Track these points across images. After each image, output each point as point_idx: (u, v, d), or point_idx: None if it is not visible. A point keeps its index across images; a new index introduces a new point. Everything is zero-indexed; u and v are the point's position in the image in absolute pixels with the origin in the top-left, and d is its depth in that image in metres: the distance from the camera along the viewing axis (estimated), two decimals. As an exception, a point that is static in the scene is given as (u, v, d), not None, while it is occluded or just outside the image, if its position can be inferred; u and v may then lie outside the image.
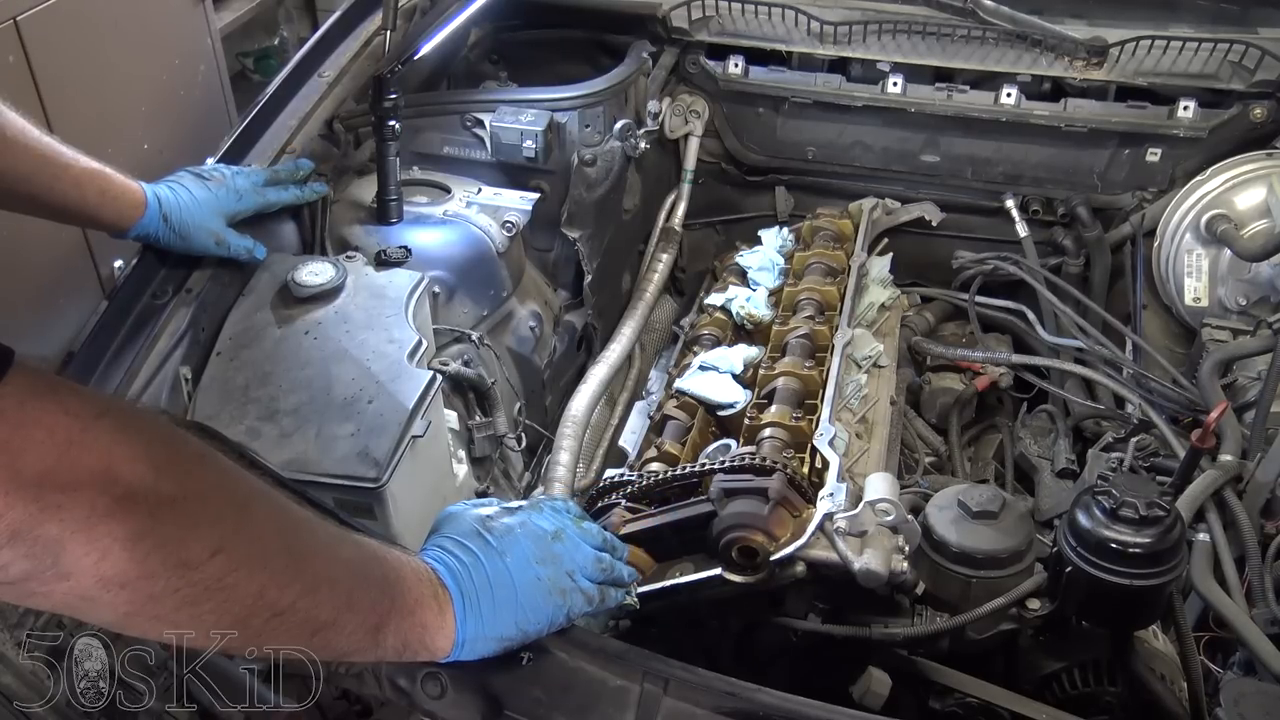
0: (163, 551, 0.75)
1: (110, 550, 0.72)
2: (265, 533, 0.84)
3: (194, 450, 0.83)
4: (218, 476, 0.83)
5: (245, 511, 0.83)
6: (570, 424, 1.87)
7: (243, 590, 0.80)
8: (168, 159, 1.72)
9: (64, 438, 0.71)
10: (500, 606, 1.02)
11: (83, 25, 2.84)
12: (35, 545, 0.70)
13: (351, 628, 0.90)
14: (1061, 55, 2.16)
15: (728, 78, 2.37)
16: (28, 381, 0.70)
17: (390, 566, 0.97)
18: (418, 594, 0.97)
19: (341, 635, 0.90)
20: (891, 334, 2.00)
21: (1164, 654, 1.36)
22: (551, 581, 1.06)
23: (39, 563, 0.71)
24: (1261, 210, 2.00)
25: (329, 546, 0.91)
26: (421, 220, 1.84)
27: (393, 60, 1.83)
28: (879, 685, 1.27)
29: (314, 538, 0.90)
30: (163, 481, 0.75)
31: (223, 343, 1.52)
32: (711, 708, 1.04)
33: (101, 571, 0.73)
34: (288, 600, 0.84)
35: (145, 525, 0.74)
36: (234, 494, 0.83)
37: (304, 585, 0.85)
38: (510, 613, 1.02)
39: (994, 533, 1.33)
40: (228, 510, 0.81)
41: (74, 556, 0.72)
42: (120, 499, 0.72)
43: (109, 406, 0.76)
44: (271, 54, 4.29)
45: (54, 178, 1.40)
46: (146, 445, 0.76)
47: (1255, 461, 1.54)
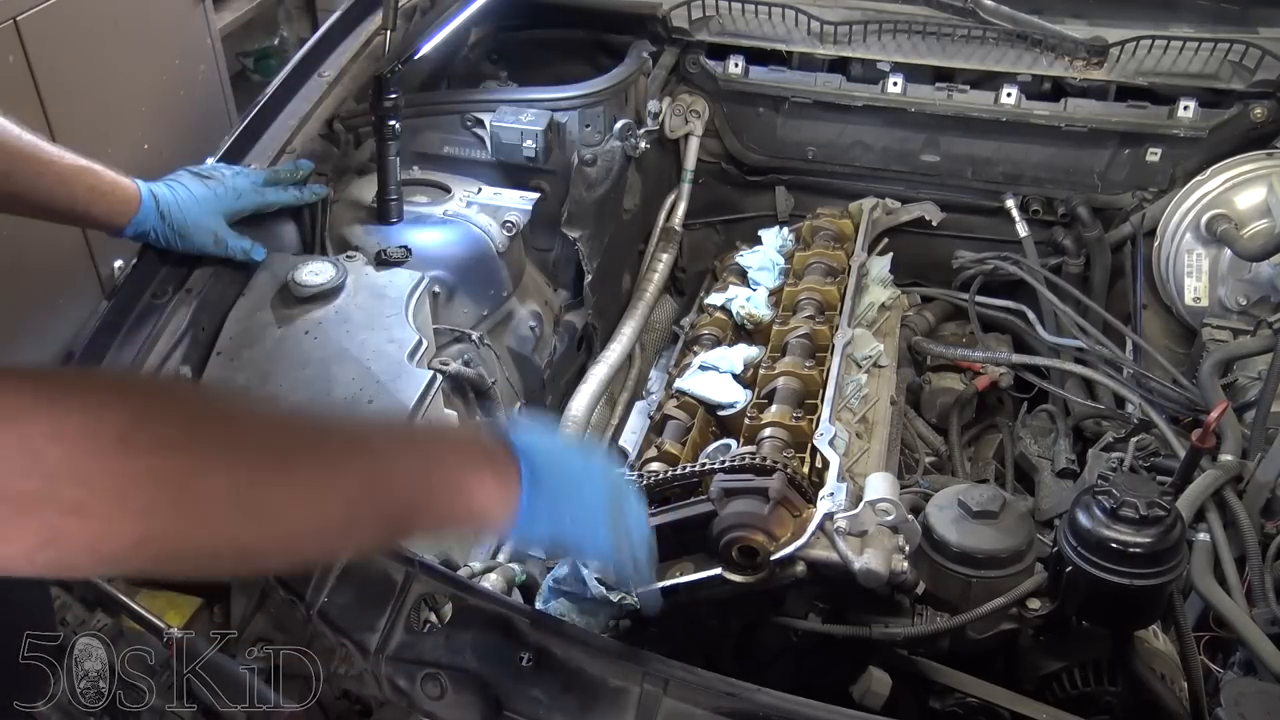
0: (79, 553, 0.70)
1: (33, 558, 0.68)
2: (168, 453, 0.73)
3: (115, 434, 0.72)
4: (137, 462, 0.72)
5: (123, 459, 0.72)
6: (570, 424, 1.87)
7: (202, 546, 0.76)
8: (167, 159, 1.72)
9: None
10: (561, 492, 0.98)
11: (83, 25, 2.85)
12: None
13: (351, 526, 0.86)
14: (1062, 55, 2.16)
15: (728, 77, 2.37)
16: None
17: (411, 446, 0.93)
18: (455, 468, 0.93)
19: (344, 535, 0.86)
20: (892, 334, 2.00)
21: (1164, 654, 1.36)
22: (612, 517, 1.03)
23: None
24: (1261, 210, 2.00)
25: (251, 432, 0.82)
26: (422, 220, 1.84)
27: (393, 60, 1.83)
28: (879, 685, 1.27)
29: (227, 427, 0.80)
30: (62, 489, 0.68)
31: (223, 342, 1.52)
32: (711, 708, 1.04)
33: (38, 563, 0.69)
34: (249, 540, 0.78)
35: (48, 535, 0.68)
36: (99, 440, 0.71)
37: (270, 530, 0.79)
38: (569, 504, 0.99)
39: (994, 532, 1.33)
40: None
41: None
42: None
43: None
44: (271, 54, 4.29)
45: (36, 175, 1.38)
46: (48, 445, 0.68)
47: (1255, 461, 1.54)
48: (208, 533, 0.76)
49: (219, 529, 0.76)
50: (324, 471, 0.83)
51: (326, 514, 0.84)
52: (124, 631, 1.14)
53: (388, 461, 0.90)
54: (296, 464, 0.82)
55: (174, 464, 0.73)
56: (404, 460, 0.92)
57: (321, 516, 0.83)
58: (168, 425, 0.74)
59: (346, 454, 0.86)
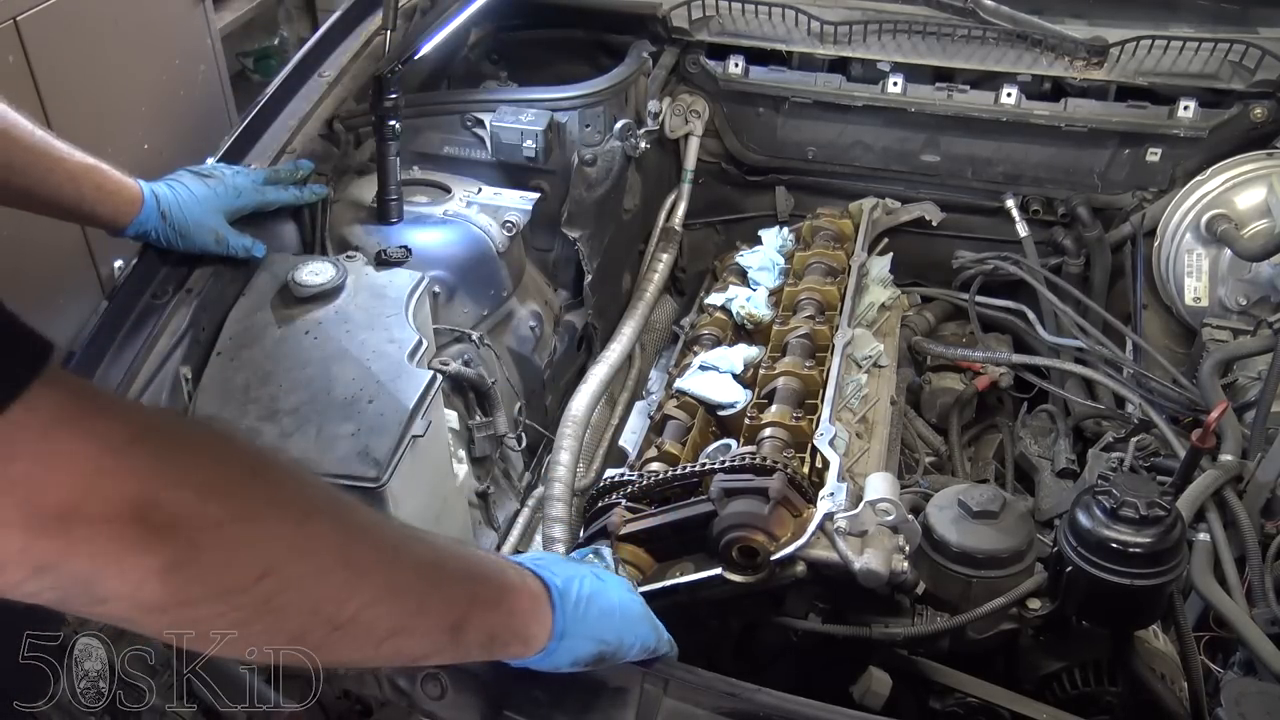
0: (203, 580, 0.71)
1: (145, 581, 0.68)
2: (320, 547, 0.78)
3: (247, 464, 0.77)
4: (272, 491, 0.77)
5: (301, 527, 0.77)
6: (570, 424, 1.87)
7: (295, 609, 0.76)
8: (168, 159, 1.72)
9: (92, 467, 0.65)
10: (604, 612, 1.01)
11: (83, 25, 2.84)
12: (63, 578, 0.66)
13: (424, 630, 0.86)
14: (1062, 55, 2.16)
15: (728, 77, 2.37)
16: (55, 403, 0.64)
17: (469, 560, 0.93)
18: (503, 582, 0.94)
19: (413, 640, 0.86)
20: (892, 334, 2.00)
21: (1164, 654, 1.36)
22: (647, 610, 1.07)
23: (69, 592, 0.67)
24: (1261, 210, 2.00)
25: (395, 552, 0.85)
26: (422, 220, 1.84)
27: (393, 60, 1.83)
28: (879, 685, 1.27)
29: (377, 546, 0.84)
30: (209, 505, 0.70)
31: (223, 342, 1.52)
32: (711, 708, 1.04)
33: (138, 599, 0.69)
34: (347, 614, 0.79)
35: (184, 554, 0.69)
36: (288, 509, 0.77)
37: (365, 598, 0.80)
38: (613, 620, 1.02)
39: (994, 532, 1.33)
40: (281, 528, 0.76)
41: (106, 587, 0.67)
42: (155, 528, 0.67)
43: (148, 427, 0.70)
44: (271, 54, 4.28)
45: (48, 170, 1.39)
46: (190, 467, 0.71)
47: (1255, 461, 1.54)
48: (318, 590, 0.78)
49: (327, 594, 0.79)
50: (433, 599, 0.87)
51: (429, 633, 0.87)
52: (124, 631, 1.14)
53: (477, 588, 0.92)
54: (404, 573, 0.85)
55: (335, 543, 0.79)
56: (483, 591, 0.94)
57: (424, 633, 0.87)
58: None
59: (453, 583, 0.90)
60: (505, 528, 1.79)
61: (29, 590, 0.66)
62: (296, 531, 0.77)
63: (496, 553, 1.02)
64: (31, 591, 0.66)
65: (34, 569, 0.64)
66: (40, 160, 1.38)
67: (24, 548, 0.63)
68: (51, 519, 0.64)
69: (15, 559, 0.64)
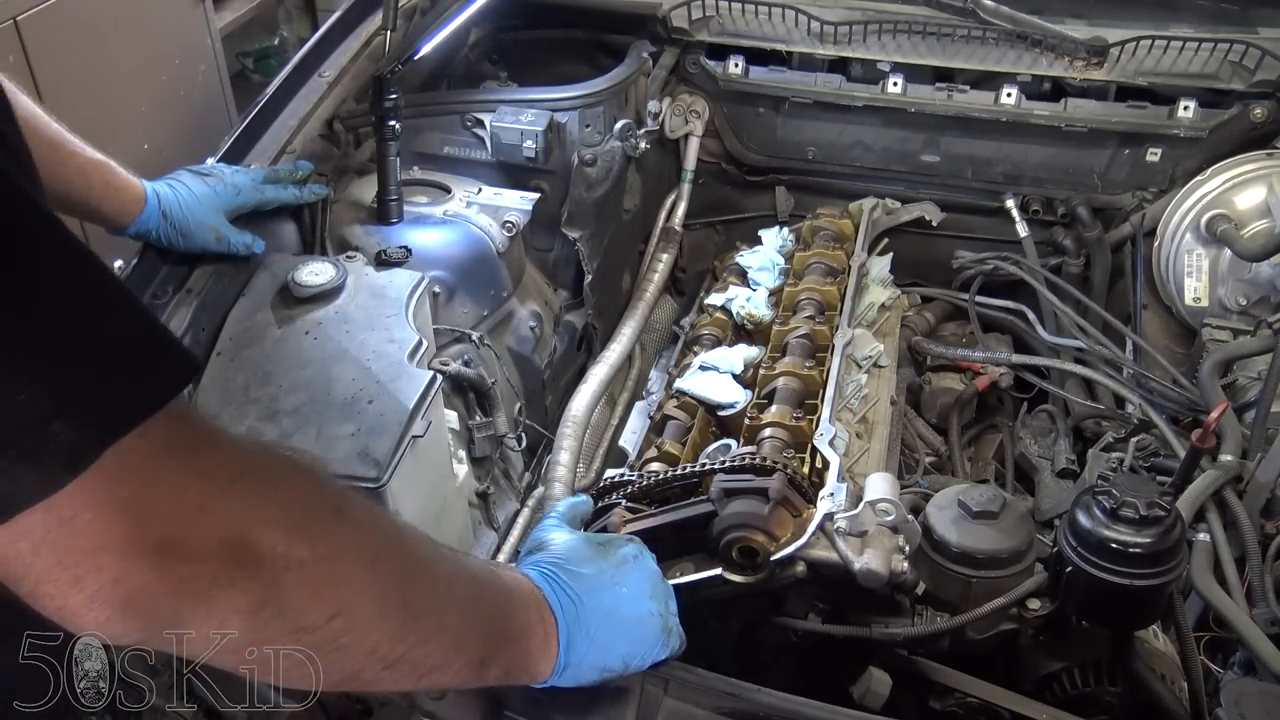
0: (281, 619, 0.72)
1: (228, 620, 0.69)
2: (386, 589, 0.80)
3: (333, 504, 0.78)
4: (352, 531, 0.78)
5: (372, 568, 0.79)
6: (570, 424, 1.87)
7: (356, 649, 0.78)
8: (167, 159, 1.71)
9: (195, 503, 0.65)
10: (613, 637, 1.00)
11: (82, 25, 2.85)
12: (152, 617, 0.66)
13: (458, 667, 0.88)
14: (1062, 55, 2.16)
15: (728, 78, 2.37)
16: (167, 434, 0.64)
17: (501, 594, 0.94)
18: (524, 621, 0.95)
19: (448, 674, 0.87)
20: (892, 334, 2.00)
21: (1164, 654, 1.36)
22: (662, 619, 1.05)
23: (153, 632, 0.67)
24: (1261, 210, 2.00)
25: (447, 588, 0.88)
26: (422, 220, 1.84)
27: (393, 60, 1.83)
28: (879, 685, 1.27)
29: (433, 583, 0.86)
30: (295, 545, 0.71)
31: (223, 343, 1.52)
32: (711, 708, 1.04)
33: (215, 636, 0.70)
34: (399, 653, 0.81)
35: (268, 594, 0.70)
36: (363, 551, 0.79)
37: (417, 638, 0.82)
38: (620, 644, 1.01)
39: (994, 533, 1.33)
40: (355, 570, 0.77)
41: (190, 624, 0.68)
42: (246, 567, 0.68)
43: (249, 465, 0.71)
44: (271, 54, 4.29)
45: (60, 164, 1.39)
46: (283, 507, 0.72)
47: (1255, 461, 1.54)
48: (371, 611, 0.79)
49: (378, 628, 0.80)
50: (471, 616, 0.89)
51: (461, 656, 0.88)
52: (124, 632, 1.14)
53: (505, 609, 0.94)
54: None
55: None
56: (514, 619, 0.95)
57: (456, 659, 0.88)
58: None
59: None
60: (505, 528, 1.79)
61: (114, 631, 0.65)
62: (367, 572, 0.78)
63: (514, 567, 1.01)
64: (116, 633, 0.65)
65: (124, 604, 0.64)
66: (54, 153, 1.38)
67: (119, 577, 0.63)
68: (151, 549, 0.63)
69: (107, 590, 0.63)
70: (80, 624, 0.64)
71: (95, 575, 0.62)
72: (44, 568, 0.61)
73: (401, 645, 0.81)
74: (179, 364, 0.67)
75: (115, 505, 0.61)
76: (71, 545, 0.61)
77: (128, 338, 0.64)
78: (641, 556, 1.08)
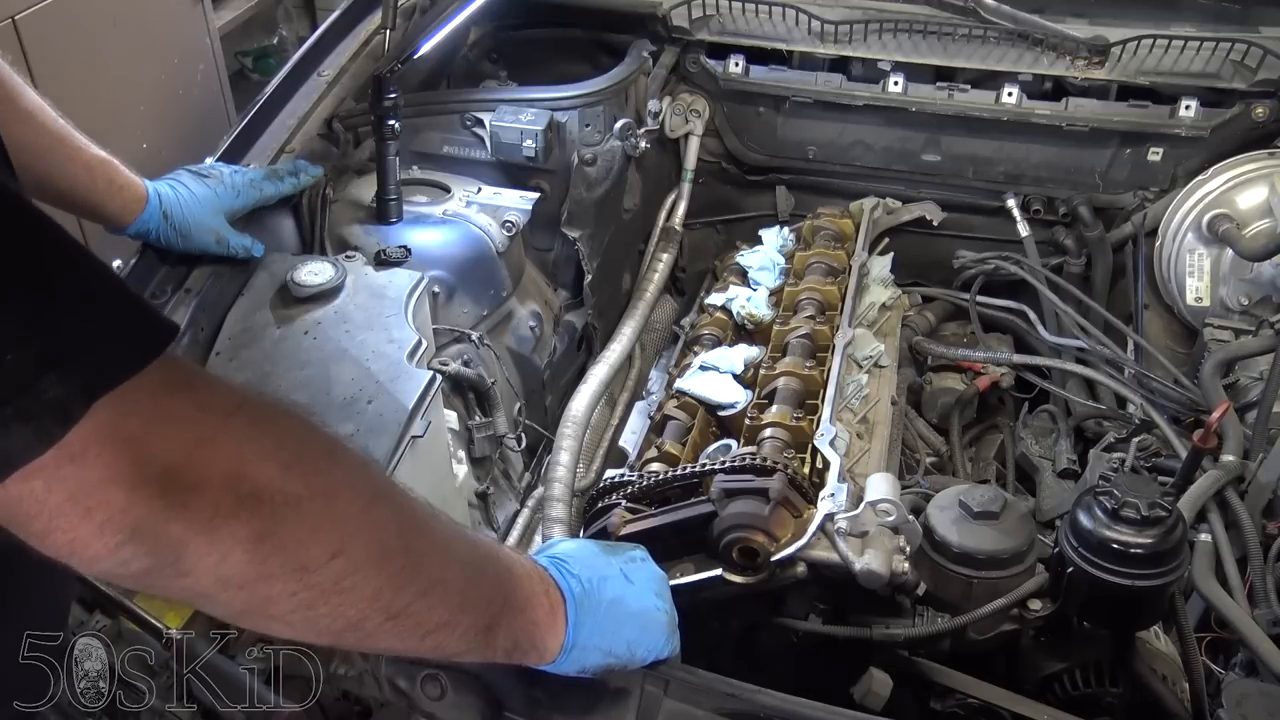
0: (283, 554, 0.73)
1: (231, 552, 0.70)
2: (386, 533, 0.81)
3: (325, 446, 0.80)
4: (345, 473, 0.80)
5: (368, 511, 0.80)
6: (570, 424, 1.87)
7: (359, 593, 0.78)
8: (167, 158, 1.71)
9: (194, 435, 0.69)
10: (619, 623, 1.00)
11: (81, 24, 2.84)
12: (157, 543, 0.68)
13: (464, 628, 0.88)
14: (1063, 54, 2.16)
15: (728, 77, 2.37)
16: (163, 374, 0.67)
17: (503, 563, 0.94)
18: (529, 590, 0.95)
19: (453, 636, 0.88)
20: (892, 334, 2.00)
21: (1166, 655, 1.36)
22: (669, 617, 1.06)
23: (159, 560, 0.69)
24: (1263, 210, 1.99)
25: (445, 545, 0.88)
26: (421, 220, 1.84)
27: (392, 59, 1.82)
28: (880, 686, 1.27)
29: (431, 536, 0.86)
30: (290, 481, 0.73)
31: (222, 342, 1.52)
32: (712, 709, 1.04)
33: (220, 572, 0.71)
34: (402, 603, 0.81)
35: (268, 526, 0.71)
36: (359, 492, 0.80)
37: (419, 587, 0.83)
38: (627, 630, 1.01)
39: (995, 533, 1.33)
40: (352, 509, 0.78)
41: (194, 556, 0.70)
42: (245, 499, 0.70)
43: (243, 401, 0.73)
44: (271, 53, 4.28)
45: (66, 159, 1.39)
46: (277, 442, 0.74)
47: (1257, 462, 1.54)
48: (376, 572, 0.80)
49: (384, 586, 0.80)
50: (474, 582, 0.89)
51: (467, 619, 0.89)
52: (124, 632, 1.13)
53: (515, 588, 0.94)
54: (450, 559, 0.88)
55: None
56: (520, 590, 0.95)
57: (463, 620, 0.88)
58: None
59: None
60: (505, 528, 1.79)
61: (122, 557, 0.68)
62: (364, 514, 0.79)
63: (523, 550, 1.01)
64: (124, 559, 0.68)
65: (131, 531, 0.67)
66: (60, 148, 1.38)
67: (125, 507, 0.66)
68: (155, 478, 0.67)
69: (116, 519, 0.66)
70: (91, 554, 0.67)
71: (104, 506, 0.65)
72: (56, 502, 0.64)
73: (404, 594, 0.81)
74: (161, 325, 0.70)
75: (121, 440, 0.65)
76: (82, 478, 0.65)
77: (110, 303, 0.68)
78: (648, 561, 1.10)
